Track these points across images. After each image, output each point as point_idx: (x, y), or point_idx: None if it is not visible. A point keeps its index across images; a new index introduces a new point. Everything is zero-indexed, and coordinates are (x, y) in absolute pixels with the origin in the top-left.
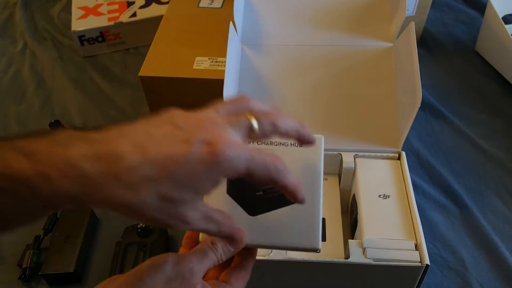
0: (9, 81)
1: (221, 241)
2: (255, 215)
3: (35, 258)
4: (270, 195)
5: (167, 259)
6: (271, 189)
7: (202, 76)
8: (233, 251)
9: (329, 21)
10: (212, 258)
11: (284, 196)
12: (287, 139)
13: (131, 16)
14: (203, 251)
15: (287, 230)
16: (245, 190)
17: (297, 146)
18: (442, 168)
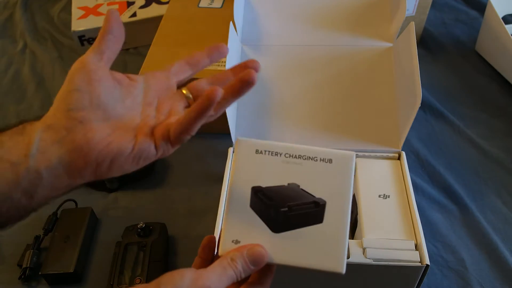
0: (9, 81)
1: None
2: (278, 232)
3: (35, 258)
4: (295, 212)
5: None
6: (297, 205)
7: (202, 76)
8: (253, 269)
9: (329, 21)
10: (231, 276)
11: (310, 214)
12: None
13: (131, 16)
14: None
15: (311, 250)
16: (269, 205)
17: (327, 162)
18: (442, 168)
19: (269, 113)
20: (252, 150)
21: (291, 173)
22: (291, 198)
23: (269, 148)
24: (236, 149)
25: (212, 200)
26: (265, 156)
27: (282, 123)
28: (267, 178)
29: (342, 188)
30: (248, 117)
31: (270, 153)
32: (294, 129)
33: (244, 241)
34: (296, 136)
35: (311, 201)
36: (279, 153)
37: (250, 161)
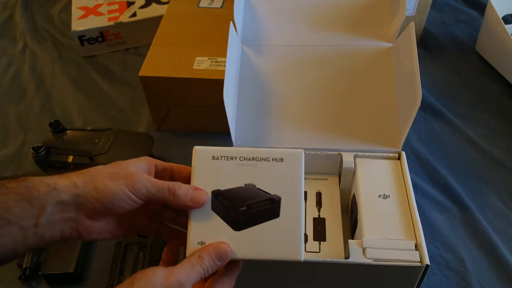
0: (9, 81)
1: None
2: (239, 230)
3: (35, 258)
4: (253, 210)
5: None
6: (255, 204)
7: (202, 76)
8: (219, 264)
9: (329, 21)
10: (199, 271)
11: (267, 210)
12: None
13: (131, 16)
14: (191, 264)
15: (271, 243)
16: (229, 206)
17: (278, 161)
18: (442, 168)
19: (269, 113)
20: (209, 157)
21: (247, 174)
22: (249, 198)
23: (224, 153)
24: (193, 157)
25: None
26: (221, 162)
27: (282, 123)
28: (225, 181)
29: (294, 183)
30: (248, 117)
31: (226, 158)
32: (293, 129)
33: (209, 241)
34: (295, 136)
35: (267, 199)
36: (234, 157)
37: (208, 167)
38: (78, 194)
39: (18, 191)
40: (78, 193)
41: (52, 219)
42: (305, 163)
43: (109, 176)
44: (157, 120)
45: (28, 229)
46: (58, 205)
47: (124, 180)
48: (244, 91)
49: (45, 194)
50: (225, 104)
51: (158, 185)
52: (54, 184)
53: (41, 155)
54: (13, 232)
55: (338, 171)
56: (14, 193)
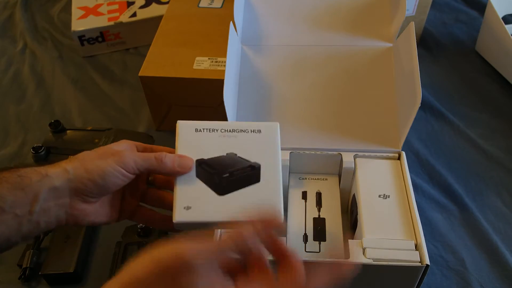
0: (9, 81)
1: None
2: (223, 194)
3: (35, 258)
4: (235, 176)
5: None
6: (236, 170)
7: (202, 76)
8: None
9: (329, 21)
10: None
11: (249, 176)
12: None
13: (131, 16)
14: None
15: (253, 204)
16: (212, 173)
17: (256, 133)
18: (442, 168)
19: (269, 113)
20: (192, 130)
21: (228, 144)
22: (231, 165)
23: (206, 126)
24: (177, 130)
25: None
26: (204, 133)
27: (282, 123)
28: (208, 151)
29: (272, 152)
30: (248, 117)
31: (208, 130)
32: (293, 129)
33: (195, 205)
34: (295, 136)
35: (248, 166)
36: (216, 129)
37: (191, 139)
38: (70, 179)
39: (11, 179)
40: (70, 177)
41: (46, 205)
42: (305, 163)
43: (98, 157)
44: (157, 120)
45: (23, 216)
46: (51, 192)
47: (112, 157)
48: (244, 91)
49: (37, 181)
50: (225, 104)
51: (144, 156)
52: (45, 172)
53: (41, 155)
54: (7, 220)
55: (338, 171)
56: (7, 182)
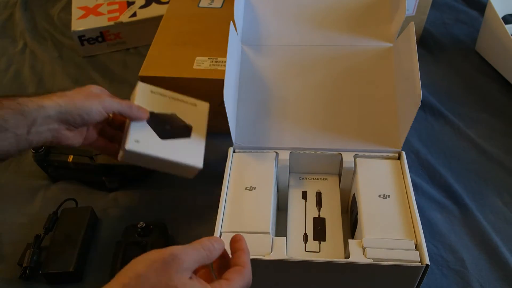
0: (9, 81)
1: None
2: (163, 138)
3: (35, 257)
4: (174, 129)
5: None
6: (175, 125)
7: (202, 76)
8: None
9: (329, 21)
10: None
11: (182, 131)
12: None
13: (131, 16)
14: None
15: (182, 151)
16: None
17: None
18: (442, 168)
19: (269, 113)
20: (148, 91)
21: (173, 107)
22: (171, 120)
23: (159, 91)
24: (137, 88)
25: (212, 200)
26: (157, 96)
27: (282, 123)
28: (158, 108)
29: (201, 120)
30: (248, 117)
31: (160, 94)
32: (293, 129)
33: (142, 141)
34: (295, 135)
35: (184, 125)
36: (166, 95)
37: (147, 97)
38: (61, 111)
39: (12, 106)
40: (61, 110)
41: (40, 129)
42: (305, 163)
43: (85, 97)
44: None
45: (21, 136)
46: (45, 119)
47: (97, 99)
48: (244, 91)
49: (35, 110)
50: (225, 104)
51: (119, 102)
52: (41, 103)
53: (41, 154)
54: (9, 138)
55: (338, 171)
56: (9, 108)
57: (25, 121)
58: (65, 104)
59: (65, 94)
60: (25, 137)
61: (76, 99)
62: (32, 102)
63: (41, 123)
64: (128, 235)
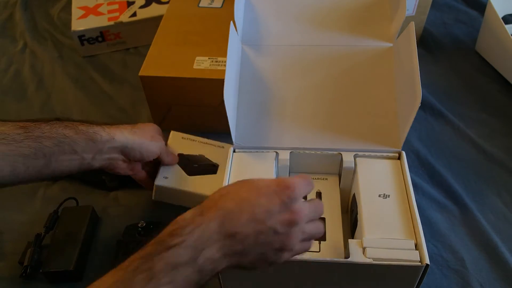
0: (9, 81)
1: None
2: (190, 175)
3: (36, 256)
4: (201, 167)
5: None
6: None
7: (202, 76)
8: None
9: (329, 21)
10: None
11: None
12: None
13: (131, 16)
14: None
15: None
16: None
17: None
18: (442, 168)
19: (269, 113)
20: (179, 137)
21: (201, 150)
22: (200, 160)
23: (190, 137)
24: (170, 136)
25: None
26: (187, 141)
27: (282, 123)
28: (187, 150)
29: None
30: (248, 117)
31: (190, 140)
32: (294, 129)
33: (170, 177)
34: (295, 135)
35: (211, 164)
36: (196, 141)
37: (178, 142)
38: (127, 146)
39: (87, 133)
40: (127, 145)
41: (103, 157)
42: (305, 162)
43: (150, 138)
44: (157, 120)
45: (86, 159)
46: (111, 149)
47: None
48: (244, 91)
49: (106, 140)
50: (226, 103)
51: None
52: (113, 135)
53: None
54: (76, 160)
55: (338, 170)
56: (84, 134)
57: (94, 148)
58: (133, 140)
59: (133, 130)
60: (88, 161)
61: (143, 137)
62: (105, 131)
63: (106, 152)
64: (128, 234)
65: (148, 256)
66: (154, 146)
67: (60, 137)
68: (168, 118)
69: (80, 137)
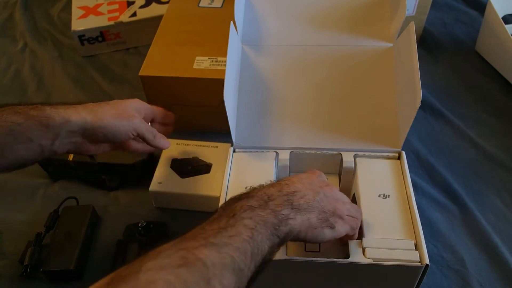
0: (9, 80)
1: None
2: (184, 177)
3: (36, 255)
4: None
5: None
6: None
7: (202, 76)
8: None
9: (329, 21)
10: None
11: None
12: None
13: (131, 16)
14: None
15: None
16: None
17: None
18: (442, 168)
19: (269, 113)
20: (174, 144)
21: (195, 152)
22: (192, 162)
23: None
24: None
25: None
26: (181, 146)
27: (282, 123)
28: (182, 155)
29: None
30: (248, 116)
31: (184, 145)
32: (293, 129)
33: (164, 181)
34: (295, 135)
35: (204, 164)
36: (189, 144)
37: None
38: (86, 127)
39: (38, 118)
40: (86, 126)
41: (63, 141)
42: (305, 162)
43: (115, 116)
44: None
45: (45, 146)
46: (69, 133)
47: (127, 121)
48: (244, 91)
49: (60, 124)
50: (226, 103)
51: (147, 129)
52: (67, 117)
53: None
54: (34, 148)
55: (338, 170)
56: (35, 119)
57: (49, 134)
58: (92, 120)
59: (94, 108)
60: (49, 148)
61: (105, 116)
62: (59, 114)
63: (64, 136)
64: (129, 233)
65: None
66: (121, 126)
67: (10, 125)
68: None
69: (32, 123)
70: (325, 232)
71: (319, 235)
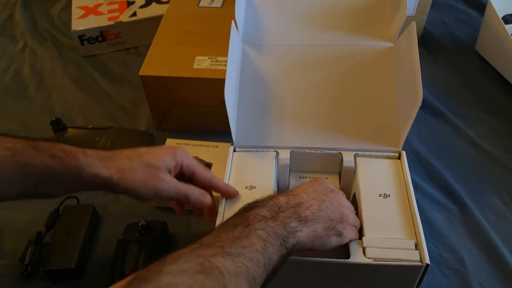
0: (9, 80)
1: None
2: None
3: (36, 254)
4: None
5: None
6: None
7: (202, 76)
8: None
9: (330, 21)
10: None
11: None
12: None
13: (131, 15)
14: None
15: None
16: None
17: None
18: (442, 168)
19: (270, 113)
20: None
21: (195, 152)
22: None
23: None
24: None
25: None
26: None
27: (282, 122)
28: None
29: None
30: (249, 116)
31: (184, 144)
32: (294, 128)
33: None
34: (296, 135)
35: (204, 163)
36: (190, 144)
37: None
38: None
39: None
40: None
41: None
42: (305, 162)
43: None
44: (157, 119)
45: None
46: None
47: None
48: (245, 91)
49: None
50: (226, 103)
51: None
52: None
53: None
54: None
55: (339, 170)
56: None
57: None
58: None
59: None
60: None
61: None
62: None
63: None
64: (129, 233)
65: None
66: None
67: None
68: (168, 118)
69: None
70: (331, 240)
71: (325, 243)
